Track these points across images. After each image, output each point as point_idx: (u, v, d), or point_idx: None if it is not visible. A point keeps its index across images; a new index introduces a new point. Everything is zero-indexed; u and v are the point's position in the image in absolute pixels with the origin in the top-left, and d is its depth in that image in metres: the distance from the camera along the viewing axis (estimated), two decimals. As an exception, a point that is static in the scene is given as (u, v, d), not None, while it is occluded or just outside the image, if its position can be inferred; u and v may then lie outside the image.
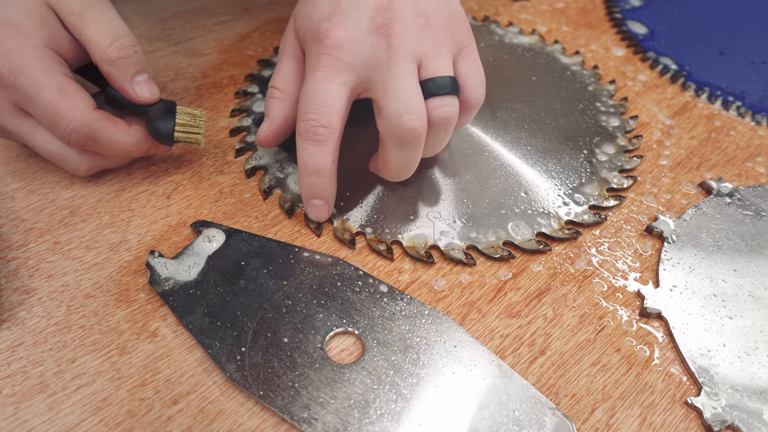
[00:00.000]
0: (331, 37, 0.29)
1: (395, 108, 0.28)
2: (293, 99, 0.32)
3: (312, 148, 0.29)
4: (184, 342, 0.28)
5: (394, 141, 0.29)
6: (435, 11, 0.30)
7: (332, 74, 0.29)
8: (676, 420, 0.26)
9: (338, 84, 0.29)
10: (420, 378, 0.26)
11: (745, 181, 0.38)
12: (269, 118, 0.33)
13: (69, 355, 0.27)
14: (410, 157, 0.30)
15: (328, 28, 0.29)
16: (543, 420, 0.25)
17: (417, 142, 0.29)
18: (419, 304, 0.29)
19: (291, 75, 0.33)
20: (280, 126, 0.33)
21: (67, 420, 0.24)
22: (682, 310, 0.30)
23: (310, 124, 0.29)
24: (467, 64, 0.31)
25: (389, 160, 0.31)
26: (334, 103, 0.29)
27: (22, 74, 0.28)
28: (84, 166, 0.32)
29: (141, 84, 0.32)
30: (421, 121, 0.28)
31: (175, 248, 0.31)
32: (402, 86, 0.28)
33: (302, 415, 0.25)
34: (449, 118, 0.29)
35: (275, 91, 0.33)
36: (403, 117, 0.28)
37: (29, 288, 0.29)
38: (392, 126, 0.29)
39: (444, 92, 0.29)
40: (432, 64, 0.29)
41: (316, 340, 0.27)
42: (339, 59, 0.29)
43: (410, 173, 0.32)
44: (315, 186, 0.30)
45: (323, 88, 0.29)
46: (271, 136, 0.33)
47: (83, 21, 0.30)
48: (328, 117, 0.29)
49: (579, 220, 0.34)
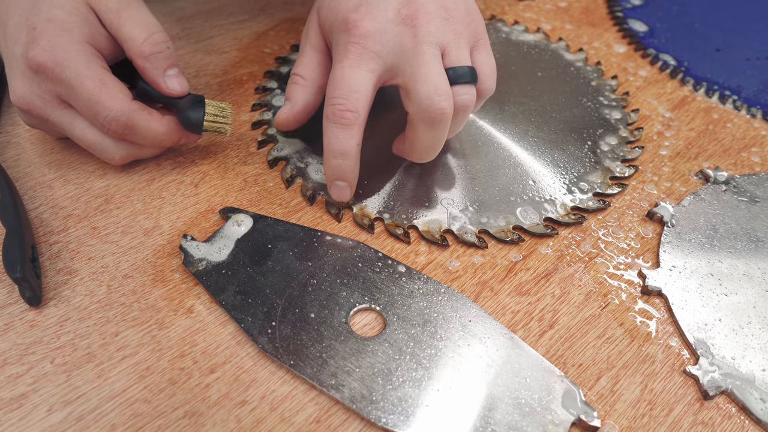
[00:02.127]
0: (359, 27, 0.30)
1: (425, 90, 0.30)
2: (315, 86, 0.34)
3: (338, 131, 0.31)
4: (217, 318, 0.30)
5: (424, 121, 0.31)
6: (454, 5, 0.32)
7: (360, 62, 0.30)
8: (675, 387, 0.28)
9: (366, 71, 0.31)
10: (438, 349, 0.28)
11: (741, 169, 0.40)
12: (290, 101, 0.35)
13: (112, 330, 0.29)
14: (438, 137, 0.32)
15: (356, 18, 0.31)
16: (553, 386, 0.27)
17: (445, 122, 0.31)
18: (435, 282, 0.31)
19: (314, 64, 0.35)
20: (301, 110, 0.35)
21: (114, 386, 0.27)
22: (680, 288, 0.32)
23: (337, 108, 0.30)
24: (482, 56, 0.33)
25: (418, 140, 0.32)
26: (360, 89, 0.31)
27: (66, 67, 0.30)
28: (119, 154, 0.34)
29: (172, 77, 0.34)
30: (449, 102, 0.30)
31: (204, 233, 0.33)
32: (430, 70, 0.30)
33: (330, 382, 0.27)
34: (468, 106, 0.31)
35: (298, 77, 0.35)
36: (432, 98, 0.30)
37: (71, 269, 0.31)
38: (422, 107, 0.30)
39: (464, 81, 0.31)
40: (453, 54, 0.31)
41: (340, 316, 0.30)
42: (367, 48, 0.30)
43: (436, 153, 0.34)
44: (339, 168, 0.32)
45: (351, 75, 0.30)
46: (292, 119, 0.35)
47: (120, 18, 0.32)
48: (355, 102, 0.30)
49: (584, 206, 0.36)
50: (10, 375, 0.27)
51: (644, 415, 0.27)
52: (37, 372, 0.27)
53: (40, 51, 0.31)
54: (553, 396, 0.27)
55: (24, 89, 0.32)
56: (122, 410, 0.26)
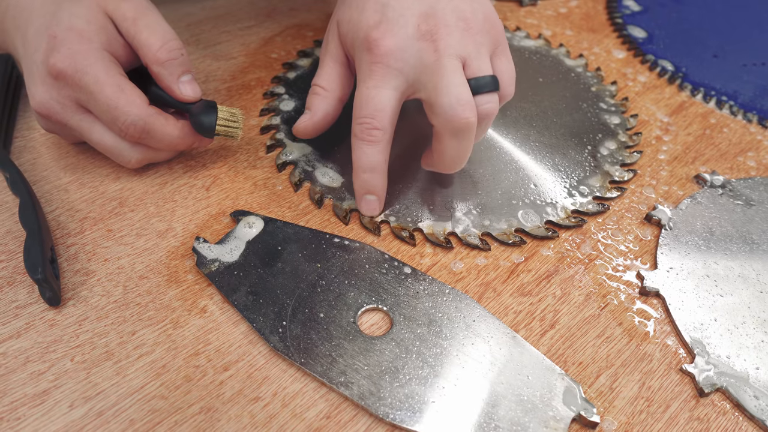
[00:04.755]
0: (381, 46, 0.31)
1: (448, 101, 0.31)
2: (335, 98, 0.35)
3: (367, 147, 0.32)
4: (230, 317, 0.31)
5: (449, 132, 0.32)
6: (473, 15, 0.33)
7: (384, 81, 0.31)
8: (672, 384, 0.29)
9: (390, 89, 0.32)
10: (443, 348, 0.30)
11: (737, 173, 0.41)
12: (310, 110, 0.36)
13: (129, 329, 0.30)
14: (464, 147, 0.33)
15: (377, 37, 0.31)
16: (554, 384, 0.28)
17: (470, 131, 0.32)
18: (440, 284, 0.32)
19: (334, 76, 0.35)
20: (320, 120, 0.36)
21: (132, 383, 0.28)
22: (678, 289, 0.33)
23: (365, 127, 0.32)
24: (502, 62, 0.34)
25: (445, 151, 0.33)
26: (386, 107, 0.32)
27: (86, 74, 0.31)
28: (135, 158, 0.35)
29: (186, 84, 0.35)
30: (473, 111, 0.31)
31: (216, 235, 0.34)
32: (452, 81, 0.31)
33: (340, 380, 0.28)
34: (492, 113, 0.32)
35: (319, 88, 0.36)
36: (456, 109, 0.31)
37: (88, 270, 0.32)
38: (447, 118, 0.31)
39: (487, 90, 0.32)
40: (475, 64, 0.32)
41: (348, 316, 0.31)
42: (389, 66, 0.31)
43: (464, 163, 0.34)
44: (368, 182, 0.33)
45: (376, 95, 0.31)
46: (311, 128, 0.36)
47: (136, 26, 0.33)
48: (381, 120, 0.32)
49: (584, 209, 0.37)
50: (33, 372, 0.28)
51: (642, 412, 0.28)
52: (58, 369, 0.28)
53: (60, 58, 0.32)
54: (554, 393, 0.28)
55: (44, 95, 0.33)
56: (140, 406, 0.27)
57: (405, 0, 0.32)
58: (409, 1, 0.32)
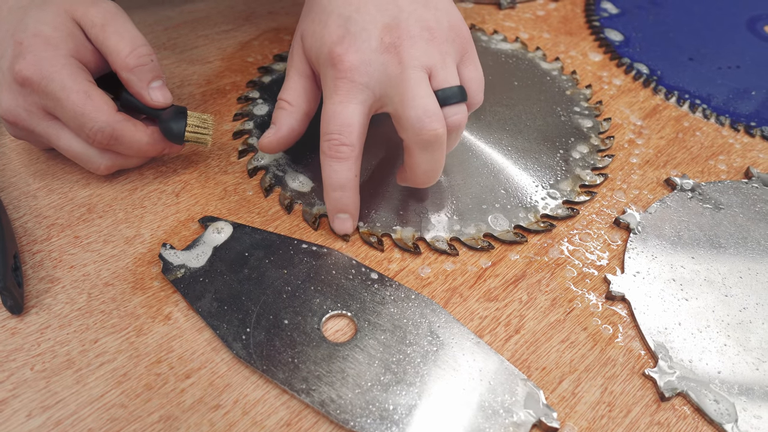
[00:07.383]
0: (344, 61, 0.31)
1: (414, 114, 0.30)
2: (301, 112, 0.35)
3: (336, 165, 0.31)
4: (194, 324, 0.31)
5: (419, 145, 0.31)
6: (437, 24, 0.32)
7: (349, 96, 0.31)
8: (633, 389, 0.30)
9: (356, 104, 0.31)
10: (406, 354, 0.30)
11: (707, 177, 0.41)
12: (275, 125, 0.35)
13: (91, 336, 0.30)
14: (436, 159, 0.32)
15: (340, 52, 0.31)
16: (515, 389, 0.28)
17: (440, 143, 0.31)
18: (407, 289, 0.32)
19: (300, 90, 0.35)
20: (285, 135, 0.35)
21: (92, 392, 0.28)
22: (643, 293, 0.33)
23: (333, 144, 0.31)
24: (470, 70, 0.33)
25: (417, 165, 0.32)
26: (353, 122, 0.31)
27: (52, 81, 0.31)
28: (104, 164, 0.35)
29: (156, 90, 0.35)
30: (440, 122, 0.30)
31: (184, 241, 0.34)
32: (417, 93, 0.30)
33: (301, 386, 0.28)
34: (461, 124, 0.32)
35: (284, 103, 0.35)
36: (423, 121, 0.30)
37: (54, 277, 0.32)
38: (415, 131, 0.31)
39: (454, 101, 0.31)
40: (441, 75, 0.31)
41: (313, 322, 0.31)
42: (354, 81, 0.31)
43: (438, 176, 0.34)
44: (340, 200, 0.33)
45: (342, 110, 0.31)
46: (275, 143, 0.35)
47: (105, 32, 0.33)
48: (349, 135, 0.31)
49: (554, 213, 0.37)
50: (-8, 381, 0.28)
51: (603, 417, 0.28)
52: (18, 378, 0.28)
53: (26, 65, 0.32)
54: (516, 399, 0.28)
55: (10, 102, 0.33)
56: (99, 415, 0.27)
57: (367, 12, 0.32)
58: (371, 13, 0.32)
